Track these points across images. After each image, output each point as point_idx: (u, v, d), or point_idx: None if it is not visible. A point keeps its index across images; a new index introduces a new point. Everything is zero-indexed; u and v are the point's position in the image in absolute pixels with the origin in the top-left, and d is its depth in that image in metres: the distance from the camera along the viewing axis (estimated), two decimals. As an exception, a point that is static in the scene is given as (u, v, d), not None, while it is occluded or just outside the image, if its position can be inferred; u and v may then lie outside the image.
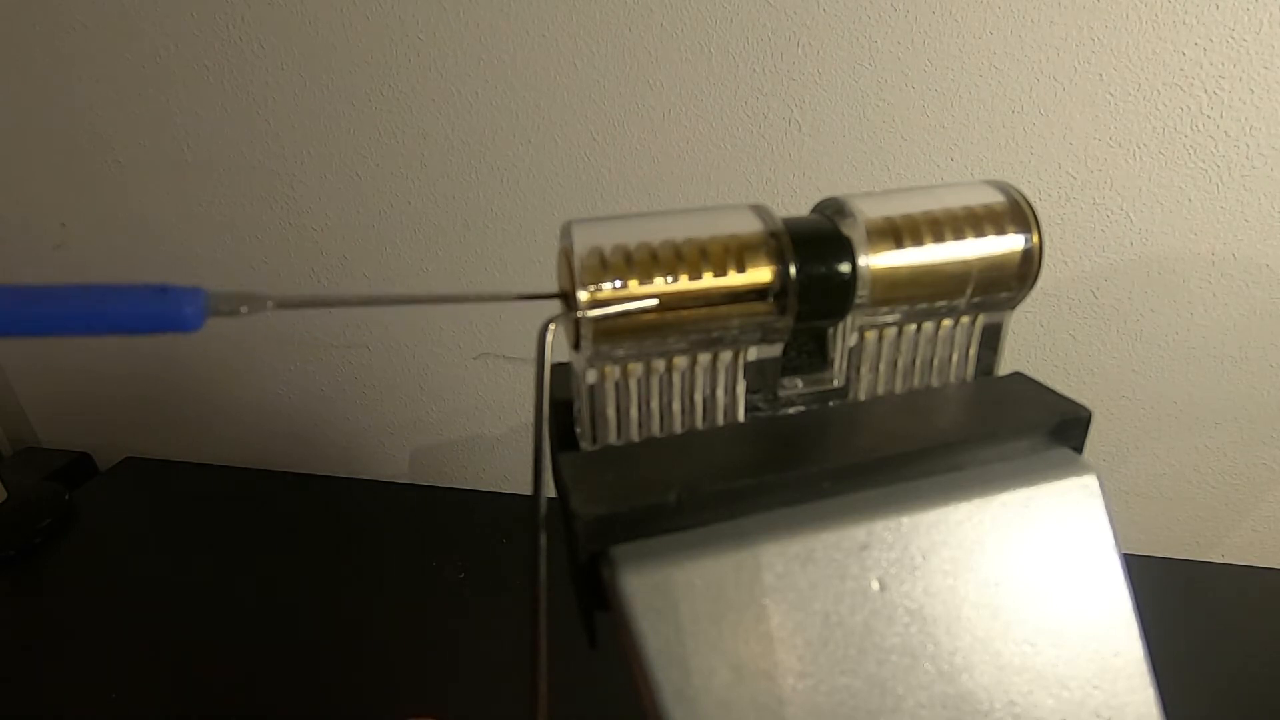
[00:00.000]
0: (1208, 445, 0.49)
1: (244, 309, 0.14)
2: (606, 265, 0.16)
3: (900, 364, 0.19)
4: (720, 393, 0.18)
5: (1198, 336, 0.46)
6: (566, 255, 0.16)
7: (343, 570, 0.51)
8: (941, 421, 0.18)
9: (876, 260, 0.17)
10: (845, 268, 0.17)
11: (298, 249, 0.54)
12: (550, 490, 0.16)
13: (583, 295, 0.15)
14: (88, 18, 0.49)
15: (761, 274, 0.16)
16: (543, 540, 0.15)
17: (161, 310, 0.13)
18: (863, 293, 0.17)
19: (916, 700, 0.15)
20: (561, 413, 0.18)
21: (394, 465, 0.62)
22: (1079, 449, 0.18)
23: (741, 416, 0.18)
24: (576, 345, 0.16)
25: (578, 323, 0.16)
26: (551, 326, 0.15)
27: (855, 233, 0.17)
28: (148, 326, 0.13)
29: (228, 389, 0.62)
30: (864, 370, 0.19)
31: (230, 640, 0.45)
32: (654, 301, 0.16)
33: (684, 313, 0.16)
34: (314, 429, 0.62)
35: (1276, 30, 0.38)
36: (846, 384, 0.20)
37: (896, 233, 0.17)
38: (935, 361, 0.20)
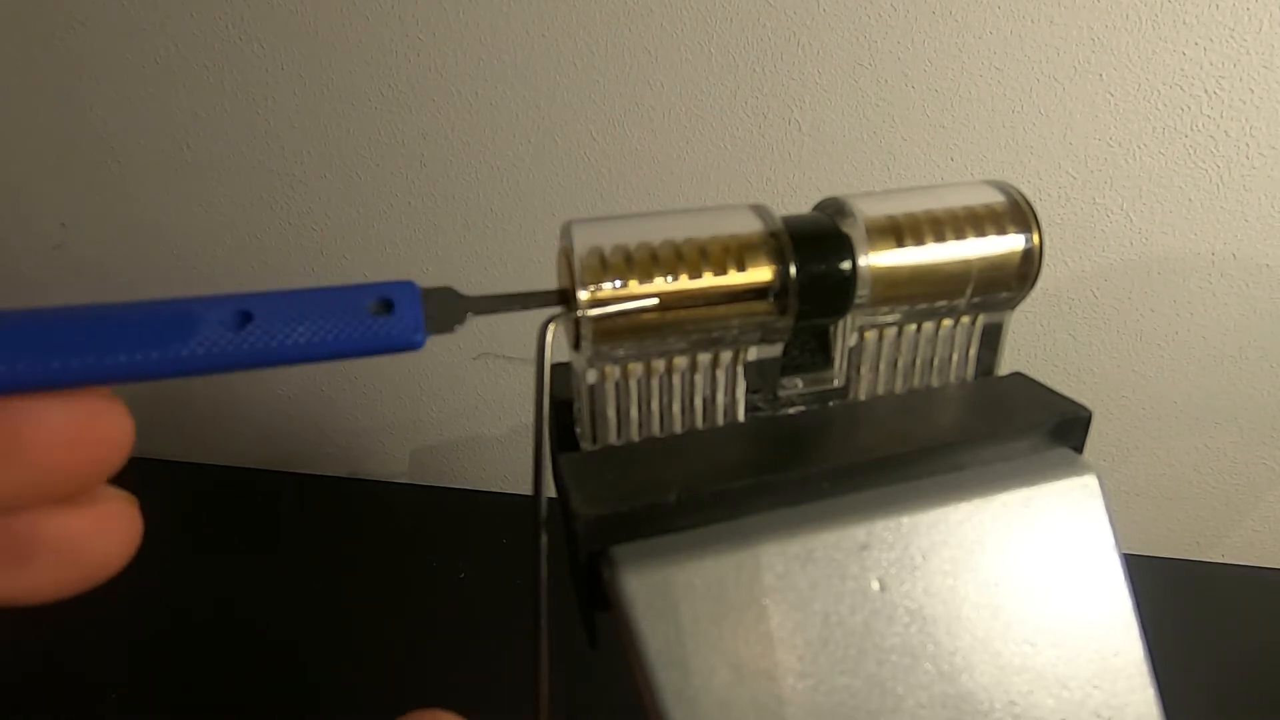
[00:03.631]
0: (1208, 445, 0.49)
1: (457, 327, 0.14)
2: (606, 265, 0.16)
3: (900, 364, 0.19)
4: (720, 393, 0.18)
5: (1198, 336, 0.46)
6: (566, 255, 0.16)
7: (343, 570, 0.51)
8: (942, 421, 0.18)
9: (877, 259, 0.17)
10: (845, 266, 0.17)
11: (298, 249, 0.54)
12: (550, 490, 0.16)
13: (583, 295, 0.15)
14: (88, 17, 0.49)
15: (761, 273, 0.16)
16: (543, 540, 0.15)
17: (389, 332, 0.14)
18: (863, 292, 0.17)
19: (916, 700, 0.15)
20: (561, 413, 0.18)
21: (394, 465, 0.62)
22: (1079, 449, 0.18)
23: (741, 416, 0.18)
24: (576, 345, 0.16)
25: (578, 322, 0.16)
26: (551, 326, 0.15)
27: (855, 232, 0.17)
28: (369, 350, 0.14)
29: (227, 388, 0.62)
30: (864, 370, 0.19)
31: (229, 640, 0.45)
32: (654, 301, 0.16)
33: (684, 312, 0.16)
34: (314, 429, 0.62)
35: (1276, 30, 0.38)
36: (846, 384, 0.20)
37: (897, 232, 0.17)
38: (935, 361, 0.20)
